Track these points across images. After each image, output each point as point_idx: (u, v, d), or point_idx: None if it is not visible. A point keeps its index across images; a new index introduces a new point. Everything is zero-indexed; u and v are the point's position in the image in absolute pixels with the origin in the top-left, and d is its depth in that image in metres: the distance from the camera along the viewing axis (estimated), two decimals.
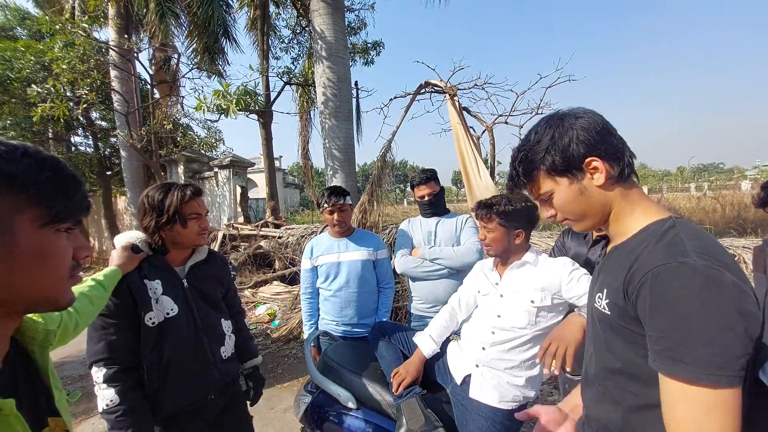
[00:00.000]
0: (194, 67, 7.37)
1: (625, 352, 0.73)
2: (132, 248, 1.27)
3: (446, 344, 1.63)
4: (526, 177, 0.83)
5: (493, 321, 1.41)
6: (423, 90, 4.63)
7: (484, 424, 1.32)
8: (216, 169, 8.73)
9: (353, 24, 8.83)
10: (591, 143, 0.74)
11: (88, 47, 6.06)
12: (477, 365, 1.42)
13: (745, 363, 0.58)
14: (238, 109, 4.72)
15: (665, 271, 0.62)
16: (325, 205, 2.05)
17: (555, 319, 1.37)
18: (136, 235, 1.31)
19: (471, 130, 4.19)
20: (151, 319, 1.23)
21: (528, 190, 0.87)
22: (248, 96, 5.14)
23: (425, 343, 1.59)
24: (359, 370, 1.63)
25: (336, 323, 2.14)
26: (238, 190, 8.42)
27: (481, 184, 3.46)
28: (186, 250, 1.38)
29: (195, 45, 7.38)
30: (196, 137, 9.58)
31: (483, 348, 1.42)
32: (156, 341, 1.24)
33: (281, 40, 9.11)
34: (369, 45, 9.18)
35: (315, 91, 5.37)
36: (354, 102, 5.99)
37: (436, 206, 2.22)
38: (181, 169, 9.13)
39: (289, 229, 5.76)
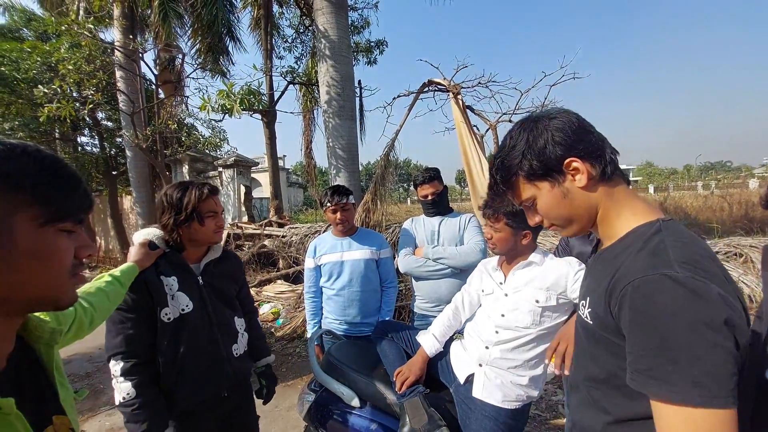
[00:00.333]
0: (198, 67, 7.40)
1: (609, 363, 0.70)
2: (149, 245, 1.30)
3: (449, 343, 1.63)
4: (505, 184, 0.81)
5: (497, 320, 1.41)
6: (426, 89, 4.62)
7: (487, 424, 1.32)
8: (220, 169, 8.77)
9: (356, 23, 8.83)
10: (568, 143, 0.72)
11: (94, 48, 6.10)
12: (480, 364, 1.41)
13: (737, 380, 0.54)
14: (242, 109, 4.74)
15: (646, 284, 0.59)
16: (328, 204, 2.05)
17: (559, 318, 1.36)
18: (154, 233, 1.34)
19: (474, 128, 4.17)
20: (166, 314, 1.26)
21: (510, 197, 0.84)
22: (252, 96, 5.15)
23: (428, 341, 1.59)
24: (363, 368, 1.63)
25: (339, 322, 2.15)
26: (242, 189, 8.46)
27: (485, 182, 3.46)
28: (202, 247, 1.41)
29: (199, 45, 7.42)
30: (200, 137, 9.60)
31: (486, 347, 1.41)
32: (171, 337, 1.26)
33: (285, 39, 9.14)
34: (372, 44, 9.18)
35: (318, 91, 5.38)
36: (357, 101, 5.99)
37: (439, 205, 2.21)
38: (185, 168, 9.18)
39: (293, 228, 5.77)
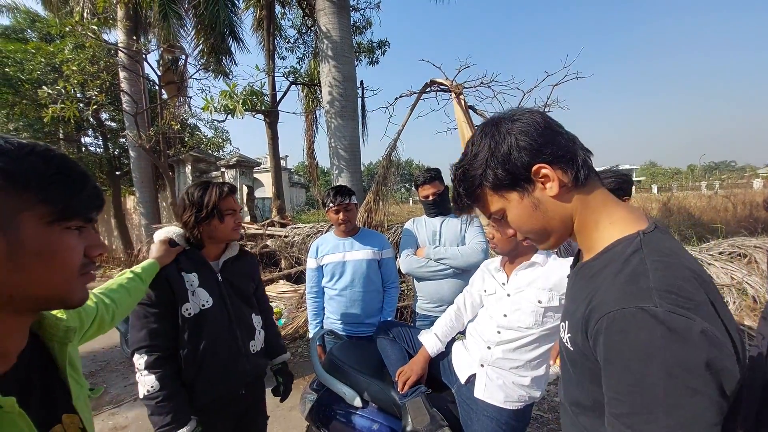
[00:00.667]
0: (201, 67, 7.43)
1: (593, 392, 0.63)
2: (169, 242, 1.34)
3: (451, 344, 1.63)
4: (470, 197, 0.73)
5: (500, 320, 1.40)
6: (428, 89, 4.62)
7: (489, 424, 1.32)
8: (223, 169, 8.80)
9: (359, 23, 8.82)
10: (534, 148, 0.64)
11: (98, 49, 6.14)
12: (482, 365, 1.41)
13: (720, 429, 0.48)
14: (245, 109, 4.76)
15: (621, 319, 0.52)
16: (331, 204, 2.06)
17: None
18: (174, 230, 1.39)
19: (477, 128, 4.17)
20: (187, 310, 1.29)
21: (478, 210, 0.77)
22: (254, 96, 5.17)
23: (430, 341, 1.59)
24: (365, 369, 1.63)
25: (341, 322, 2.15)
26: (245, 189, 8.48)
27: None
28: (220, 244, 1.45)
29: (202, 46, 7.45)
30: (203, 137, 9.65)
31: (488, 347, 1.41)
32: (192, 332, 1.30)
33: (287, 40, 9.13)
34: (374, 44, 9.17)
35: (321, 91, 5.38)
36: (359, 101, 6.00)
37: (440, 206, 2.21)
38: (188, 169, 9.22)
39: (295, 228, 5.77)
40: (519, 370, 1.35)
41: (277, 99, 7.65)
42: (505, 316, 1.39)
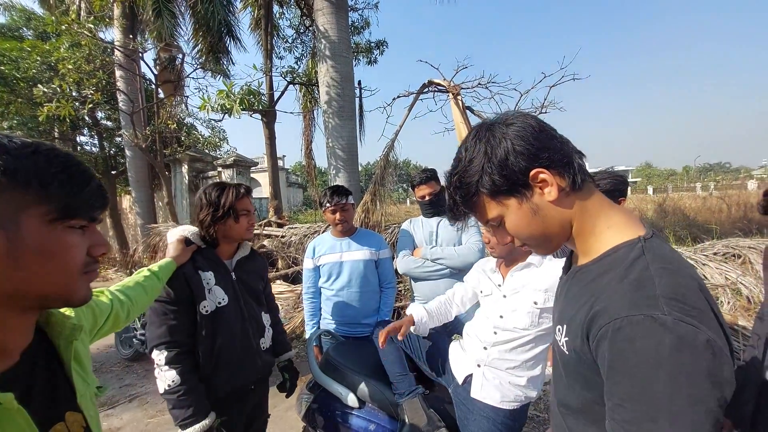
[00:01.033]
0: (199, 66, 7.40)
1: (584, 396, 0.65)
2: (185, 241, 1.37)
3: (449, 344, 1.63)
4: (467, 205, 0.71)
5: (496, 321, 1.41)
6: (426, 89, 4.63)
7: (486, 424, 1.32)
8: (220, 169, 8.78)
9: (357, 23, 8.82)
10: (531, 152, 0.63)
11: (94, 47, 6.10)
12: (479, 365, 1.41)
13: None
14: (242, 109, 4.73)
15: (629, 326, 0.52)
16: (328, 204, 2.06)
17: None
18: (189, 229, 1.42)
19: None
20: (205, 307, 1.32)
21: (475, 217, 0.75)
22: (252, 96, 5.14)
23: (418, 310, 1.62)
24: (361, 369, 1.63)
25: (338, 323, 2.15)
26: None
27: None
28: (234, 244, 1.50)
29: (200, 45, 7.42)
30: (200, 137, 9.61)
31: (485, 348, 1.41)
32: (209, 329, 1.34)
33: (285, 39, 9.11)
34: (372, 44, 9.17)
35: (318, 91, 5.38)
36: (357, 101, 6.00)
37: (436, 206, 2.21)
38: (185, 168, 9.18)
39: (292, 228, 5.76)
40: (515, 371, 1.36)
41: (275, 99, 7.64)
42: (501, 317, 1.40)
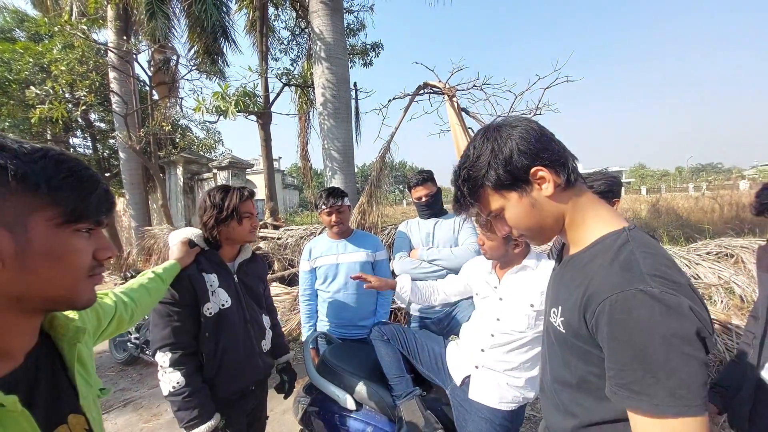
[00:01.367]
0: (194, 68, 7.37)
1: (581, 369, 0.72)
2: (188, 243, 1.37)
3: (446, 345, 1.63)
4: (473, 196, 0.79)
5: (493, 324, 1.41)
6: (422, 91, 4.64)
7: (484, 425, 1.33)
8: (215, 171, 8.72)
9: (352, 25, 8.82)
10: (533, 152, 0.71)
11: (87, 49, 6.06)
12: (477, 366, 1.42)
13: (707, 389, 0.57)
14: (237, 111, 4.71)
15: (624, 300, 0.60)
16: (323, 206, 2.05)
17: None
18: (192, 232, 1.43)
19: (470, 130, 4.19)
20: (208, 309, 1.33)
21: (477, 209, 0.82)
22: (247, 97, 5.13)
23: (404, 279, 1.72)
24: (358, 371, 1.63)
25: (334, 325, 2.14)
26: None
27: None
28: (236, 246, 1.51)
29: (195, 46, 7.38)
30: (195, 138, 9.56)
31: (482, 350, 1.42)
32: (213, 330, 1.34)
33: (280, 41, 9.10)
34: (368, 46, 9.17)
35: (314, 93, 5.37)
36: (353, 103, 5.99)
37: (433, 207, 2.22)
38: (179, 170, 9.12)
39: (288, 230, 5.74)
40: (513, 372, 1.36)
41: (270, 100, 7.61)
42: (498, 320, 1.40)
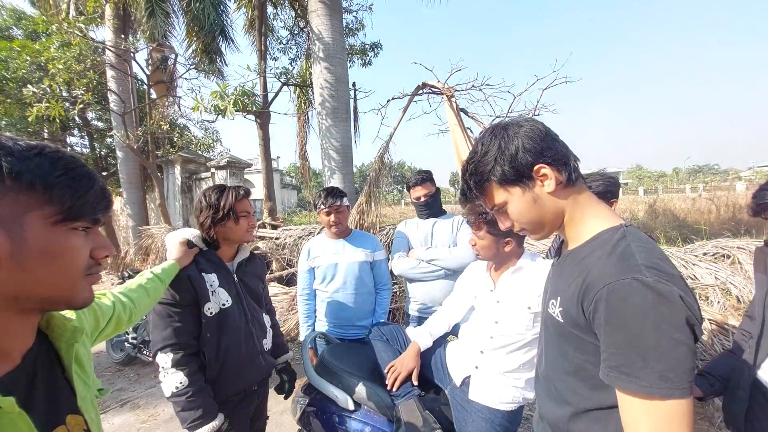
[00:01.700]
0: (192, 67, 7.34)
1: (577, 358, 0.76)
2: (186, 244, 1.36)
3: (445, 345, 1.63)
4: (479, 189, 0.83)
5: (491, 326, 1.41)
6: (421, 91, 4.64)
7: (483, 425, 1.33)
8: (213, 170, 8.69)
9: (351, 25, 8.81)
10: (537, 150, 0.75)
11: (85, 47, 6.02)
12: (476, 367, 1.42)
13: (694, 374, 0.61)
14: (236, 110, 4.70)
15: (620, 287, 0.64)
16: (322, 206, 2.05)
17: None
18: (191, 232, 1.42)
19: (468, 131, 4.20)
20: (209, 309, 1.32)
21: (482, 202, 0.87)
22: (246, 97, 5.11)
23: (420, 335, 1.62)
24: (357, 371, 1.62)
25: (333, 325, 2.14)
26: None
27: None
28: (234, 246, 1.50)
29: (193, 45, 7.36)
30: (193, 138, 9.51)
31: (481, 351, 1.42)
32: (214, 330, 1.33)
33: (279, 40, 9.08)
34: (367, 46, 9.17)
35: (313, 92, 5.37)
36: (351, 103, 5.99)
37: (432, 207, 2.22)
38: (178, 169, 9.09)
39: (287, 230, 5.73)
40: (512, 373, 1.36)
41: (269, 100, 7.60)
42: (496, 322, 1.40)
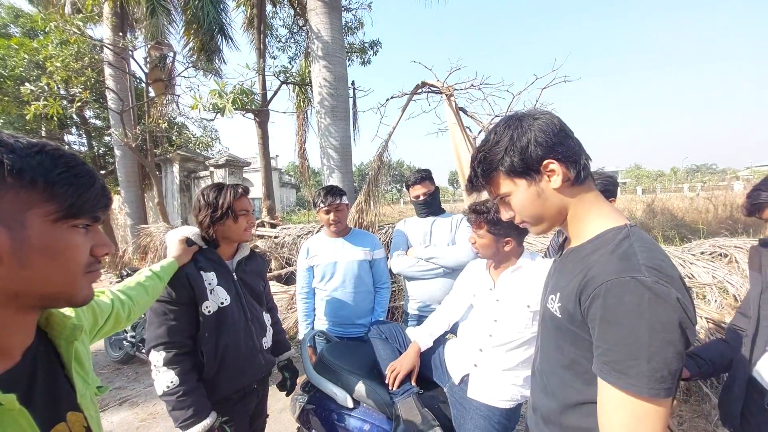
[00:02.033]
0: (190, 65, 7.32)
1: (572, 353, 0.77)
2: (186, 241, 1.35)
3: (444, 343, 1.64)
4: (485, 178, 0.84)
5: (490, 324, 1.42)
6: (420, 90, 4.64)
7: (482, 423, 1.33)
8: (212, 169, 8.69)
9: (350, 24, 8.80)
10: (549, 145, 0.75)
11: (83, 45, 5.99)
12: (475, 365, 1.42)
13: (679, 375, 0.62)
14: (235, 109, 4.69)
15: (618, 285, 0.64)
16: (321, 204, 2.05)
17: None
18: (191, 230, 1.41)
19: (467, 130, 4.20)
20: (207, 307, 1.31)
21: (487, 191, 0.87)
22: (245, 95, 5.10)
23: (420, 335, 1.62)
24: (356, 369, 1.63)
25: (332, 323, 2.14)
26: None
27: None
28: (234, 244, 1.50)
29: (191, 43, 7.33)
30: (191, 136, 9.51)
31: (481, 349, 1.42)
32: (212, 329, 1.32)
33: (278, 39, 9.07)
34: (366, 44, 9.16)
35: (312, 91, 5.36)
36: (351, 101, 5.98)
37: (430, 205, 2.22)
38: (176, 168, 9.08)
39: (286, 228, 5.72)
40: (511, 371, 1.37)
41: (268, 98, 7.58)
42: (495, 321, 1.40)
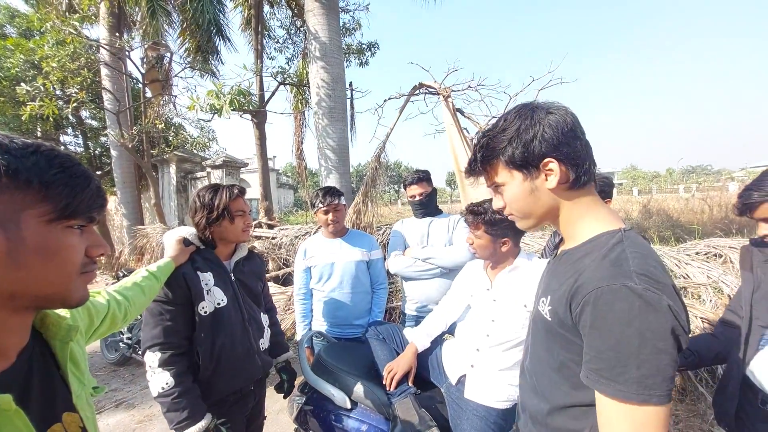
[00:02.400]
0: (188, 66, 7.30)
1: (561, 356, 0.76)
2: (183, 242, 1.35)
3: (441, 344, 1.64)
4: (484, 163, 0.82)
5: (487, 324, 1.42)
6: (417, 91, 4.64)
7: (479, 423, 1.33)
8: (209, 169, 8.67)
9: (348, 25, 8.81)
10: (554, 143, 0.72)
11: (79, 45, 5.97)
12: (472, 365, 1.43)
13: (674, 382, 0.61)
14: (232, 109, 4.67)
15: (609, 292, 0.63)
16: (319, 205, 2.05)
17: None
18: (188, 231, 1.40)
19: (465, 131, 4.21)
20: (204, 308, 1.31)
21: (484, 176, 0.86)
22: (242, 96, 5.08)
23: (418, 336, 1.62)
24: (353, 370, 1.63)
25: (330, 324, 2.14)
26: None
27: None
28: (231, 245, 1.49)
29: (188, 44, 7.31)
30: (188, 137, 9.48)
31: (478, 349, 1.43)
32: (209, 329, 1.32)
33: (276, 40, 9.06)
34: (364, 46, 9.17)
35: (309, 92, 5.35)
36: (348, 102, 5.98)
37: (428, 206, 2.23)
38: (173, 169, 9.05)
39: (283, 229, 5.71)
40: (508, 371, 1.37)
41: (265, 99, 7.57)
42: (492, 321, 1.41)
